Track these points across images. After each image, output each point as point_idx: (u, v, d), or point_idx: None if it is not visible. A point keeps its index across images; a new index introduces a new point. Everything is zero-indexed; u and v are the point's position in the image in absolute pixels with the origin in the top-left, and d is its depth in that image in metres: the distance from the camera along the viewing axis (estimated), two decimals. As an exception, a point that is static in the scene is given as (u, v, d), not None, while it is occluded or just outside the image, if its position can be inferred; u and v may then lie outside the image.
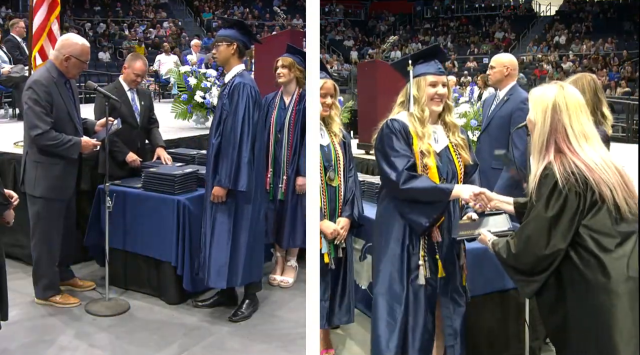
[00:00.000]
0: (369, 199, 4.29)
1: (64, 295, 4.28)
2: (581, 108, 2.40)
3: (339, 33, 29.35)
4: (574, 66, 21.57)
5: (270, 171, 4.62)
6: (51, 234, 4.14)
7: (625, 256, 2.27)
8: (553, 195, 2.31)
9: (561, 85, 2.45)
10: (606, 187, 2.29)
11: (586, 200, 2.30)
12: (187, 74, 7.40)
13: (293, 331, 3.93)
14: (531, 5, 29.91)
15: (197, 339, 3.82)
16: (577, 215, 2.30)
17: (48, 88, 4.00)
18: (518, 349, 3.38)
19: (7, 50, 8.68)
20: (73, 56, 4.10)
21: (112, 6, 25.76)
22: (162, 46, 16.10)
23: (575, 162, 2.31)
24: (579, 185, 2.29)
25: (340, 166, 3.47)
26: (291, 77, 4.66)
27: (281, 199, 4.61)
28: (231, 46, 4.00)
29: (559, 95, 2.40)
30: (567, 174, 2.30)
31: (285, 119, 4.63)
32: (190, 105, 7.32)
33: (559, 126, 2.37)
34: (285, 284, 4.72)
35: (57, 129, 4.01)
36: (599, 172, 2.30)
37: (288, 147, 4.61)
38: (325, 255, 3.35)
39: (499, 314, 3.44)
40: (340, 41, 28.47)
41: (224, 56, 4.04)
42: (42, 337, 3.78)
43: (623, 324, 2.25)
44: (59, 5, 5.95)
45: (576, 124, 2.37)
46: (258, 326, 4.04)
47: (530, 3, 30.04)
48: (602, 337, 2.27)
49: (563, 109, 2.38)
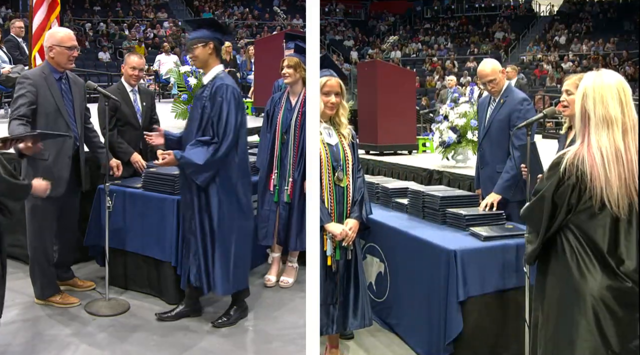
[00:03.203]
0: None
1: (64, 295, 4.28)
2: (611, 92, 2.41)
3: (339, 33, 29.34)
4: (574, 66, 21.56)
5: (276, 173, 4.58)
6: (44, 232, 4.12)
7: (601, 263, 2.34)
8: (554, 178, 2.41)
9: (597, 73, 2.49)
10: (600, 183, 2.33)
11: (580, 197, 2.36)
12: (187, 74, 7.40)
13: (293, 331, 3.93)
14: (531, 5, 29.91)
15: (197, 339, 3.82)
16: (567, 204, 2.38)
17: (34, 82, 4.00)
18: (518, 349, 3.38)
19: (7, 50, 8.67)
20: (55, 44, 4.08)
21: (112, 6, 25.76)
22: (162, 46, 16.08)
23: (584, 156, 2.36)
24: (577, 178, 2.35)
25: (348, 166, 3.37)
26: (297, 77, 4.59)
27: (287, 201, 4.55)
28: (207, 46, 3.86)
29: (590, 82, 2.45)
30: (572, 166, 2.36)
31: (291, 120, 4.57)
32: (190, 105, 7.32)
33: (586, 113, 2.43)
34: (285, 284, 4.69)
35: (43, 123, 3.96)
36: (600, 167, 2.34)
37: (294, 149, 4.54)
38: (328, 258, 3.27)
39: (499, 314, 3.43)
40: (340, 41, 28.46)
41: (202, 58, 3.90)
42: (42, 337, 3.77)
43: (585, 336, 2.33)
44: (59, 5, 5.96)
45: (600, 109, 2.39)
46: (258, 326, 4.03)
47: (530, 3, 30.03)
48: (564, 341, 2.38)
49: (589, 95, 2.42)
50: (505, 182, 4.02)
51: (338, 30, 29.65)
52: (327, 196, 3.25)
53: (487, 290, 3.39)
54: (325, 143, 3.29)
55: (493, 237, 3.51)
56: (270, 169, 4.61)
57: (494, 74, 4.22)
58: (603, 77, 2.44)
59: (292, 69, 4.58)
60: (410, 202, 4.18)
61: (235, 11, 28.04)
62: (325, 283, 3.24)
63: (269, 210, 4.62)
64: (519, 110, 4.12)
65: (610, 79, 2.43)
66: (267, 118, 4.71)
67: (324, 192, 3.22)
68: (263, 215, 4.65)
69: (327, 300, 3.27)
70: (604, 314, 2.33)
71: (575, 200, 2.37)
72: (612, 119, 2.37)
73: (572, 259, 2.38)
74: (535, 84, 19.72)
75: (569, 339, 2.37)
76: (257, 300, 4.43)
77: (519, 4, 30.31)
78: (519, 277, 3.36)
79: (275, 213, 4.60)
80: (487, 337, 3.40)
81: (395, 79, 7.34)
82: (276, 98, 4.74)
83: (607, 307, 2.32)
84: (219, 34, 3.95)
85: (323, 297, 3.19)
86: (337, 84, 3.36)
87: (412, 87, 8.28)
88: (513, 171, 3.98)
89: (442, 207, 3.88)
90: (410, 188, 4.32)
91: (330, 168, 3.29)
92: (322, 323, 3.16)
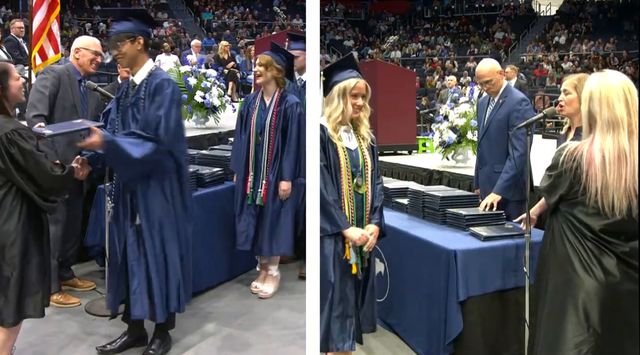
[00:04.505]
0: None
1: (64, 295, 4.28)
2: (617, 94, 2.45)
3: (339, 33, 29.34)
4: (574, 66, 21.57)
5: (251, 175, 4.43)
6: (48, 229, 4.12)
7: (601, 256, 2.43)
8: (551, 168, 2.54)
9: (602, 74, 2.52)
10: (596, 183, 2.38)
11: (571, 187, 2.47)
12: (187, 74, 7.41)
13: (293, 331, 3.92)
14: (531, 5, 29.90)
15: (197, 339, 3.82)
16: (560, 191, 2.50)
17: (58, 75, 4.18)
18: (518, 349, 3.38)
19: (7, 50, 8.67)
20: (81, 47, 4.27)
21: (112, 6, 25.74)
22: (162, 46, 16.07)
23: (584, 152, 2.42)
24: (571, 171, 2.44)
25: (367, 172, 3.12)
26: (268, 76, 4.42)
27: (260, 204, 4.40)
28: (136, 41, 3.44)
29: (595, 84, 2.49)
30: (570, 157, 2.44)
31: (265, 121, 4.42)
32: (190, 105, 7.33)
33: (592, 115, 2.48)
34: (264, 294, 4.50)
35: (59, 116, 4.10)
36: (599, 168, 2.37)
37: (269, 151, 4.41)
38: (353, 266, 3.04)
39: (499, 314, 3.43)
40: (340, 41, 28.45)
41: (131, 55, 3.44)
42: (42, 337, 3.78)
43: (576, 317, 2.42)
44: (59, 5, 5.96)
45: (606, 112, 2.43)
46: (258, 327, 4.03)
47: (530, 3, 30.03)
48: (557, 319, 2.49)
49: (595, 97, 2.46)
50: (504, 182, 4.02)
51: (338, 30, 29.64)
52: (346, 202, 3.06)
53: (487, 290, 3.39)
54: (344, 148, 3.08)
55: (493, 237, 3.51)
56: (246, 171, 4.46)
57: (491, 75, 4.22)
58: (608, 78, 2.46)
59: (263, 68, 4.40)
60: (410, 202, 4.19)
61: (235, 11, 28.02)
62: (346, 293, 3.02)
63: (248, 214, 4.46)
64: (518, 111, 4.12)
65: (615, 80, 2.45)
66: (241, 119, 4.56)
67: (343, 198, 3.05)
68: (242, 220, 4.48)
69: (348, 312, 3.01)
70: (593, 304, 2.41)
71: (564, 191, 2.48)
72: (618, 120, 2.40)
73: (568, 246, 2.50)
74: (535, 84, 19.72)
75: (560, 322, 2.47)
76: (257, 300, 4.44)
77: (519, 4, 30.30)
78: (519, 277, 3.36)
79: (254, 217, 4.45)
80: (487, 337, 3.40)
81: (395, 79, 7.35)
82: (250, 98, 4.63)
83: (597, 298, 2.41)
84: (148, 27, 3.59)
85: (343, 309, 2.99)
86: (364, 86, 3.13)
87: (412, 87, 8.30)
88: (512, 171, 3.97)
89: (442, 207, 3.88)
90: (410, 188, 4.32)
91: (350, 174, 3.08)
92: (336, 338, 2.96)
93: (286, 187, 4.38)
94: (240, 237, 4.48)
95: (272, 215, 4.43)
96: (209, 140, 6.83)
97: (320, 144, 2.82)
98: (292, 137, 4.41)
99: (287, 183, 4.38)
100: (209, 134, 7.01)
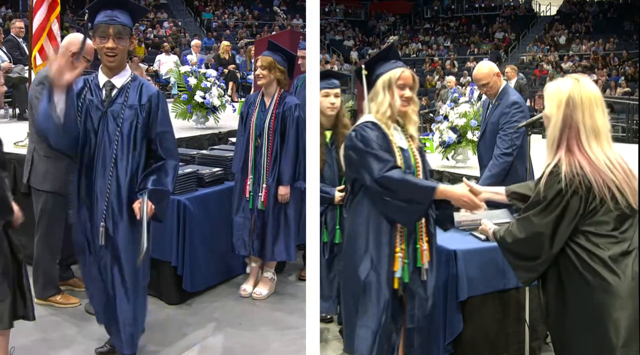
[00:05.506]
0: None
1: (64, 295, 4.28)
2: (596, 102, 2.34)
3: (339, 33, 29.34)
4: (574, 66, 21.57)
5: (251, 178, 4.36)
6: (53, 230, 4.16)
7: (624, 257, 2.30)
8: (557, 197, 2.31)
9: (577, 79, 2.39)
10: (609, 188, 2.28)
11: (587, 204, 2.30)
12: (187, 74, 7.41)
13: (293, 331, 3.92)
14: (531, 5, 29.90)
15: (197, 339, 3.82)
16: (577, 217, 2.31)
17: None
18: (518, 349, 3.38)
19: (7, 50, 8.68)
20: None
21: (112, 6, 25.70)
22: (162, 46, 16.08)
23: (582, 163, 2.29)
24: (582, 188, 2.28)
25: (419, 175, 2.86)
26: (271, 78, 4.34)
27: (261, 208, 4.34)
28: (131, 39, 3.21)
29: (574, 89, 2.35)
30: (572, 175, 2.28)
31: (264, 123, 4.35)
32: (190, 105, 7.33)
33: (572, 122, 2.33)
34: (259, 296, 4.45)
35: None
36: (606, 173, 2.29)
37: (268, 154, 4.34)
38: (395, 280, 2.75)
39: (499, 314, 3.43)
40: (340, 41, 28.45)
41: (125, 53, 3.18)
42: (42, 337, 3.78)
43: (621, 325, 2.27)
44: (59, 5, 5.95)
45: (588, 120, 2.32)
46: (258, 327, 4.03)
47: (530, 3, 30.02)
48: (599, 337, 2.29)
49: (577, 104, 2.32)
50: (485, 179, 4.10)
51: (338, 30, 29.64)
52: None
53: (487, 290, 3.39)
54: (398, 147, 2.79)
55: (493, 237, 3.51)
56: (245, 174, 4.40)
57: (487, 78, 4.23)
58: (587, 85, 2.37)
59: (266, 70, 4.32)
60: (410, 202, 4.17)
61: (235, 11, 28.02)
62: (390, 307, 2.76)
63: (244, 217, 4.40)
64: (506, 114, 4.16)
65: (592, 88, 2.36)
66: (242, 120, 4.51)
67: None
68: (237, 223, 4.42)
69: (391, 328, 2.78)
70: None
71: (582, 210, 2.30)
72: (599, 129, 2.33)
73: (584, 264, 2.32)
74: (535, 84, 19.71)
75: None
76: (257, 300, 4.44)
77: (519, 4, 30.30)
78: (519, 277, 3.35)
79: (250, 221, 4.39)
80: (487, 337, 3.40)
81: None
82: (250, 99, 4.56)
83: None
84: (132, 22, 3.21)
85: (387, 323, 2.76)
86: (411, 75, 2.85)
87: (412, 87, 8.26)
88: (494, 169, 4.10)
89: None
90: (411, 188, 4.31)
91: None
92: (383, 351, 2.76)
93: (284, 191, 4.31)
94: (236, 241, 4.44)
95: (273, 219, 4.37)
96: (209, 140, 6.84)
97: (384, 142, 2.66)
98: (289, 140, 4.32)
99: (285, 187, 4.31)
100: (209, 134, 7.02)
